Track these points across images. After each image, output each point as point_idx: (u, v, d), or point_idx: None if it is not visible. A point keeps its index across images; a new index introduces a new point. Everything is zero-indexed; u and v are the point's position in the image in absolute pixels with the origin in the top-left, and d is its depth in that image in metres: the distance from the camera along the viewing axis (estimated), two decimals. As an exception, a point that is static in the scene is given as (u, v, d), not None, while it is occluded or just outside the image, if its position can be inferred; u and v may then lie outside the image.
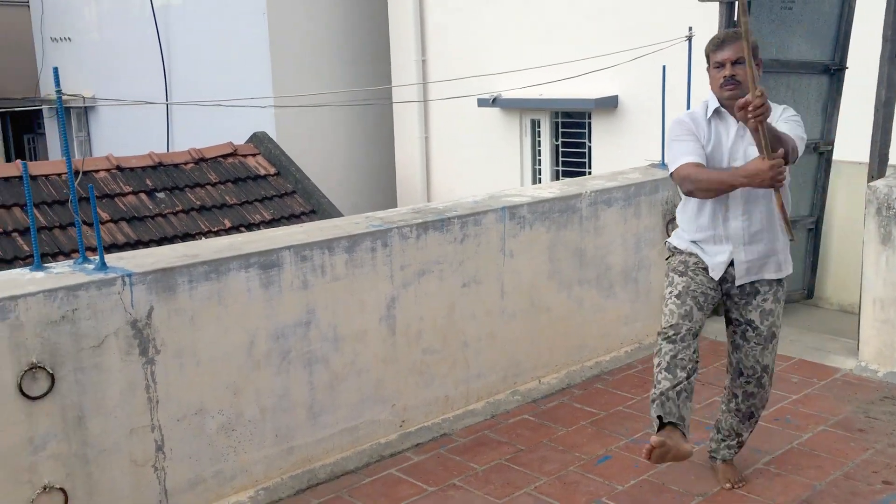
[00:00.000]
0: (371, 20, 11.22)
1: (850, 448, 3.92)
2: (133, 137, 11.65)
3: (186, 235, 7.59)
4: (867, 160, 5.05)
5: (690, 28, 5.17)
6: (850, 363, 4.84)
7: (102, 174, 7.95)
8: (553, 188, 4.93)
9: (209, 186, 8.36)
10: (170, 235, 7.54)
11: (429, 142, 10.53)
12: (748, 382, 3.47)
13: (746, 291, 3.40)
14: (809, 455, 3.87)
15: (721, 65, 3.28)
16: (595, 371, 4.91)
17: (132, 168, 8.17)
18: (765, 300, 3.39)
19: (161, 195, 8.04)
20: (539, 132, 9.54)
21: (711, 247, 3.37)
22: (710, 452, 3.71)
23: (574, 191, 4.81)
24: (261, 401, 3.59)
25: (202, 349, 3.39)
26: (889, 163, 4.96)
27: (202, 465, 3.44)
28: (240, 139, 9.26)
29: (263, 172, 8.84)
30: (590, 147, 9.11)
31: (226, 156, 8.86)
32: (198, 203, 8.08)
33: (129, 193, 7.88)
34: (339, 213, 8.37)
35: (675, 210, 3.59)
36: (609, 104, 8.61)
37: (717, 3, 5.37)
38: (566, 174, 9.23)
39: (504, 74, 8.23)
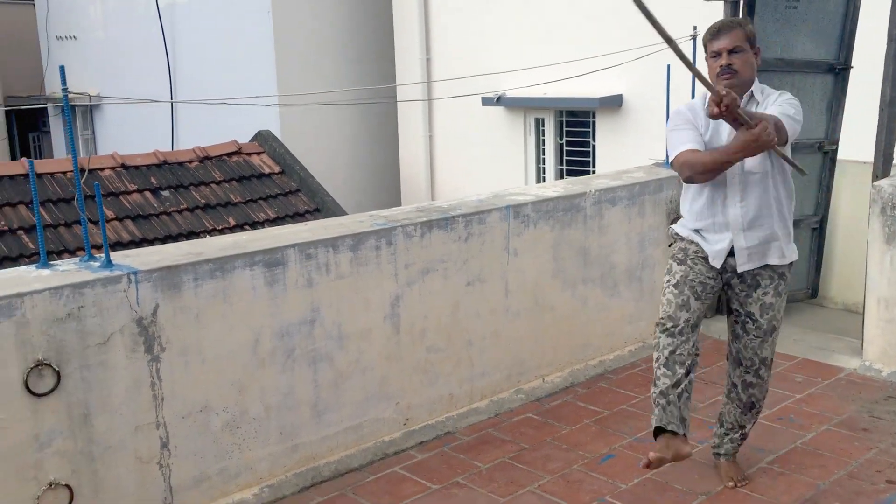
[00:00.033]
0: (376, 19, 11.23)
1: (854, 447, 3.92)
2: (138, 135, 11.68)
3: (191, 233, 7.60)
4: (872, 159, 5.05)
5: (695, 27, 5.17)
6: (855, 362, 4.84)
7: (107, 172, 7.98)
8: (557, 187, 4.93)
9: (214, 185, 8.38)
10: (174, 233, 7.56)
11: (433, 140, 10.53)
12: (746, 373, 3.49)
13: (748, 283, 3.39)
14: (813, 454, 3.87)
15: (717, 54, 3.29)
16: (599, 370, 4.91)
17: (137, 166, 8.19)
18: (765, 294, 3.39)
19: (166, 193, 8.05)
20: (543, 131, 9.54)
21: (712, 235, 3.38)
22: (714, 449, 3.71)
23: (578, 190, 4.81)
24: (265, 399, 3.60)
25: (207, 347, 3.40)
26: (894, 162, 4.96)
27: (207, 463, 3.45)
28: (244, 137, 9.28)
29: (268, 171, 8.86)
30: (594, 146, 9.10)
31: (230, 154, 8.88)
32: (202, 201, 8.10)
33: (134, 191, 7.90)
34: (344, 212, 8.37)
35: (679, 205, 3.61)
36: (613, 103, 8.61)
37: (722, 3, 5.37)
38: (570, 173, 9.22)
39: (508, 73, 8.25)
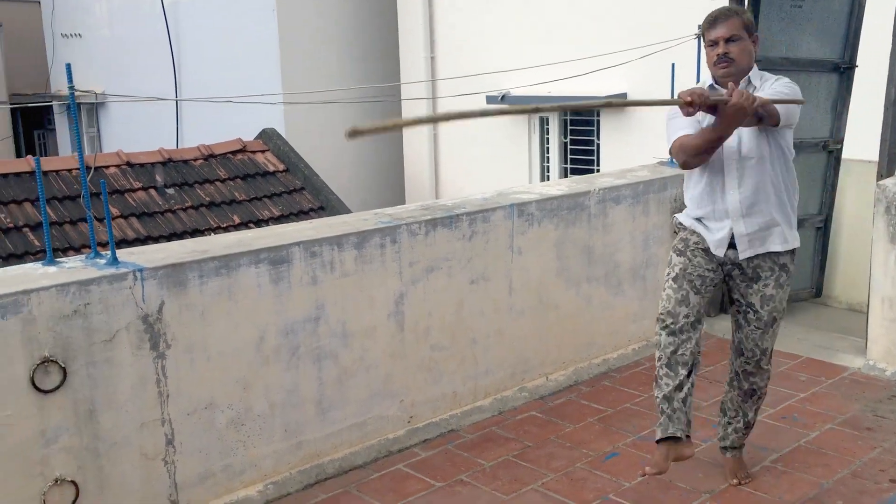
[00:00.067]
0: (380, 17, 11.23)
1: (858, 446, 3.92)
2: (143, 133, 11.70)
3: (195, 231, 7.62)
4: (877, 158, 5.05)
5: (699, 26, 5.16)
6: (859, 362, 4.84)
7: (112, 170, 8.00)
8: (561, 186, 4.93)
9: (218, 182, 8.40)
10: (179, 231, 7.58)
11: (437, 139, 10.53)
12: (747, 363, 3.49)
13: (748, 275, 3.38)
14: (817, 453, 3.87)
15: (714, 42, 3.30)
16: (603, 368, 4.92)
17: (142, 164, 8.22)
18: (766, 285, 3.38)
19: (170, 191, 8.07)
20: (547, 130, 9.53)
21: (713, 222, 3.38)
22: (720, 442, 3.70)
23: (582, 188, 4.82)
24: (270, 396, 3.61)
25: (212, 344, 3.41)
26: (898, 161, 4.96)
27: (212, 460, 3.47)
28: (249, 135, 9.30)
29: (272, 169, 8.87)
30: (598, 144, 9.10)
31: (235, 152, 8.89)
32: (207, 199, 8.12)
33: (139, 189, 7.92)
34: (348, 210, 8.39)
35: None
36: (618, 102, 8.58)
37: (727, 2, 5.36)
38: (574, 172, 9.22)
39: (513, 72, 8.25)
